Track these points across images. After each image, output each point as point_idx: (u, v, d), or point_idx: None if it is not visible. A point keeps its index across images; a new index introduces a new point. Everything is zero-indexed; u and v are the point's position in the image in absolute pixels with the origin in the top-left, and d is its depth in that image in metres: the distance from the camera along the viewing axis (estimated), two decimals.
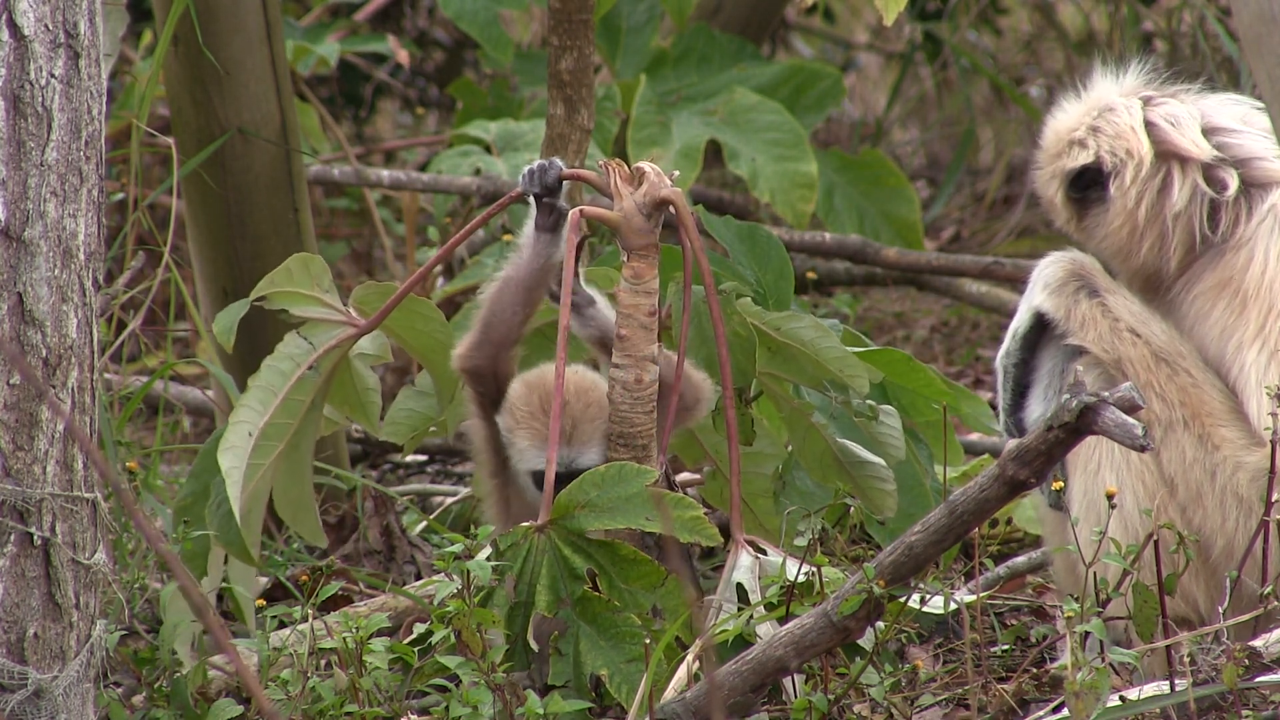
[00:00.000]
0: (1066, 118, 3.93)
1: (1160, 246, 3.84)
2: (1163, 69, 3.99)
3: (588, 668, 3.68)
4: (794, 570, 3.76)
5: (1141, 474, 3.70)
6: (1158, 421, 3.69)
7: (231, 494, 3.81)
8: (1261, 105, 3.80)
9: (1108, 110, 3.88)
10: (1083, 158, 3.86)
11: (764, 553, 3.80)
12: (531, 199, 3.87)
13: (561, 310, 3.79)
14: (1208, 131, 3.84)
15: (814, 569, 3.74)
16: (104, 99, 3.26)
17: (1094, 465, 3.74)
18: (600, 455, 3.82)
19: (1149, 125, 3.85)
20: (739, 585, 3.79)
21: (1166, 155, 3.83)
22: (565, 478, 3.76)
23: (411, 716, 3.68)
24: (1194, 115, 3.86)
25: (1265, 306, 3.73)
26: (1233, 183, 3.80)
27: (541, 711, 3.51)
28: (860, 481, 4.11)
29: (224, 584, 4.53)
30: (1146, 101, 3.89)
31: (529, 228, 3.88)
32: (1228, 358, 3.75)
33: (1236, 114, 3.89)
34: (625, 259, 3.82)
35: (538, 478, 3.82)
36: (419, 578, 4.86)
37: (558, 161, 3.88)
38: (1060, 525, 3.86)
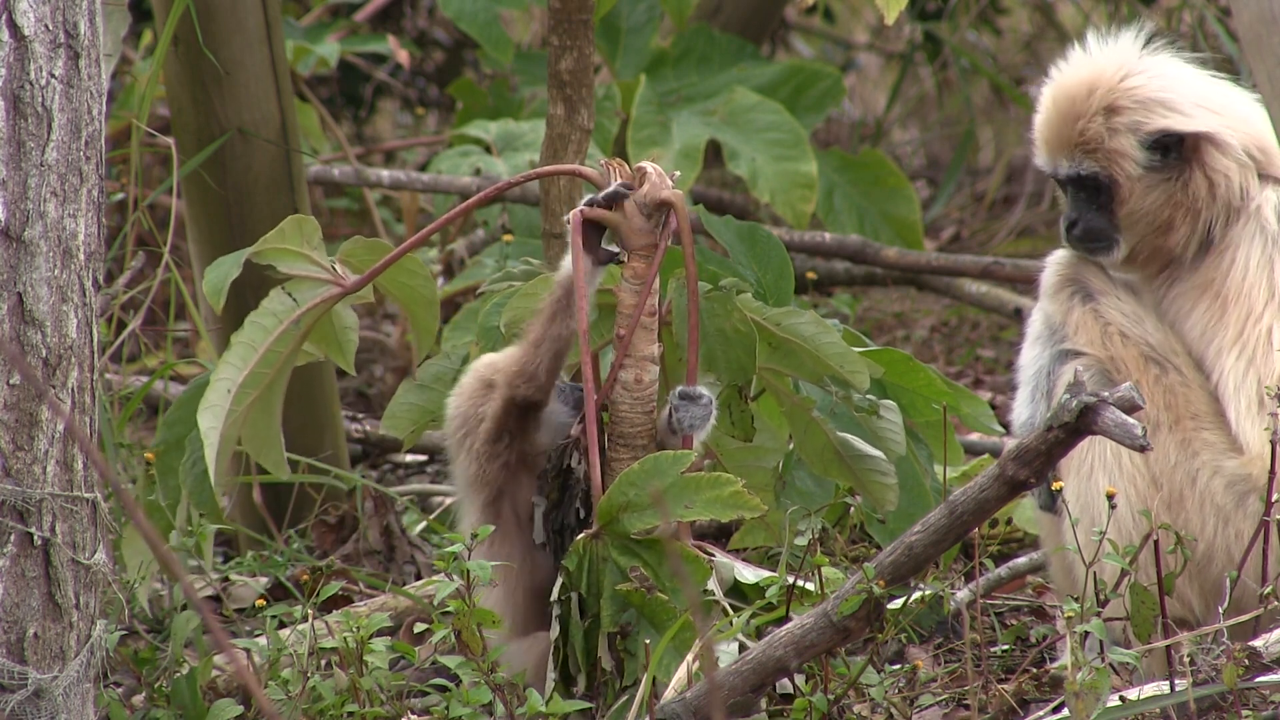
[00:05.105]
0: (1153, 79, 3.82)
1: (1189, 236, 3.82)
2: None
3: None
4: (747, 573, 3.77)
5: (1134, 477, 3.70)
6: (1146, 424, 3.69)
7: (209, 455, 3.80)
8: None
9: (1216, 90, 3.83)
10: (1202, 124, 3.78)
11: (712, 555, 3.80)
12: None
13: (579, 315, 3.78)
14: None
15: (766, 571, 3.76)
16: (104, 99, 3.26)
17: (1087, 468, 3.74)
18: None
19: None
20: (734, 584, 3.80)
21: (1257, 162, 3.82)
22: None
23: (411, 717, 3.68)
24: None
25: (1244, 312, 3.72)
26: (1255, 193, 3.80)
27: (543, 710, 3.51)
28: (861, 475, 4.11)
29: (223, 577, 4.52)
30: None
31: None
32: (1208, 361, 3.74)
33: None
34: (625, 259, 3.82)
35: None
36: (419, 578, 4.87)
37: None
38: (1055, 527, 3.86)
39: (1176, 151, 3.81)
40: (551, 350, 3.80)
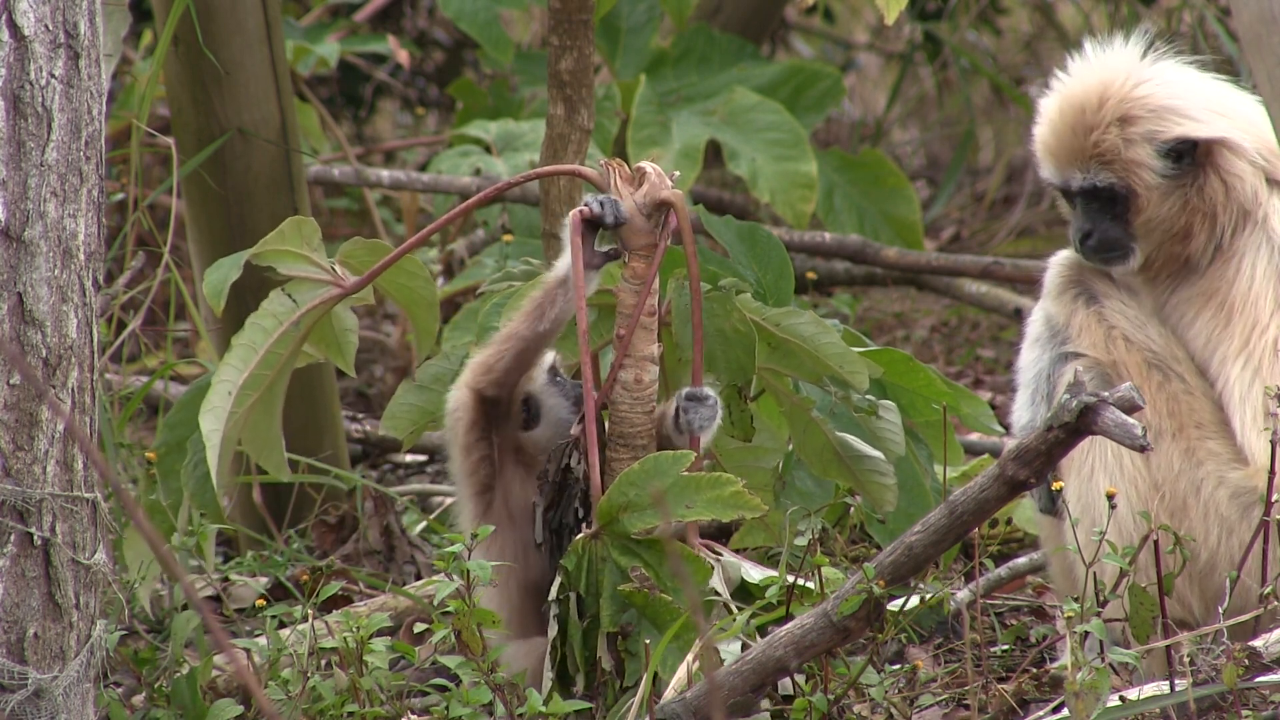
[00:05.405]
0: (1162, 86, 3.80)
1: (1207, 241, 3.80)
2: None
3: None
4: (754, 573, 3.77)
5: (1135, 479, 3.70)
6: (1148, 429, 3.68)
7: (210, 459, 3.81)
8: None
9: (1222, 94, 3.82)
10: (1216, 130, 3.77)
11: (719, 555, 3.80)
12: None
13: (579, 315, 3.78)
14: None
15: (769, 571, 3.76)
16: (104, 99, 3.26)
17: (1088, 470, 3.73)
18: None
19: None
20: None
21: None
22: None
23: (411, 717, 3.68)
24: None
25: (1250, 322, 3.71)
26: (1264, 197, 3.80)
27: (543, 710, 3.52)
28: (860, 476, 4.11)
29: (223, 577, 4.52)
30: None
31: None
32: (1212, 370, 3.73)
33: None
34: (625, 259, 3.82)
35: None
36: (419, 578, 4.87)
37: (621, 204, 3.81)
38: (1055, 528, 3.85)
39: (1190, 157, 3.79)
40: (516, 349, 3.83)
